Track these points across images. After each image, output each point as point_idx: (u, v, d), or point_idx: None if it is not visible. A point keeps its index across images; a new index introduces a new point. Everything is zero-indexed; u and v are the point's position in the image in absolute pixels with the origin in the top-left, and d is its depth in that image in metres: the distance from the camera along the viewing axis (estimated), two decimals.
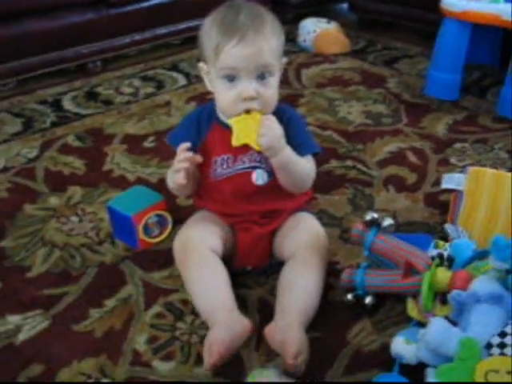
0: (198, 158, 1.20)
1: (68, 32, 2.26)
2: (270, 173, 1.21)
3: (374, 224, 1.19)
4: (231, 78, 1.14)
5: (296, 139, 1.20)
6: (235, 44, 1.11)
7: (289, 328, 1.04)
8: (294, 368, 1.00)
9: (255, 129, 1.12)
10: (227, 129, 1.18)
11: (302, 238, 1.22)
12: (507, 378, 0.85)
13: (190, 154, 1.17)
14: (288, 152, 1.16)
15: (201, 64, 1.22)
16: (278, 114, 1.19)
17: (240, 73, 1.13)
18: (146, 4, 2.43)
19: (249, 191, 1.23)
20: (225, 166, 1.23)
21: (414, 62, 2.49)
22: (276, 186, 1.22)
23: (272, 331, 1.05)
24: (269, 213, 1.26)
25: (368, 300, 1.16)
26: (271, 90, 1.17)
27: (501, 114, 1.98)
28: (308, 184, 1.25)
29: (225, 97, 1.16)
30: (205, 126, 1.24)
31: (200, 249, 1.19)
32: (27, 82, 2.28)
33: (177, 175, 1.17)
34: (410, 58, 2.53)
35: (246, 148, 1.17)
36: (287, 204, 1.28)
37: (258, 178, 1.22)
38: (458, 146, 1.81)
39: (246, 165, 1.22)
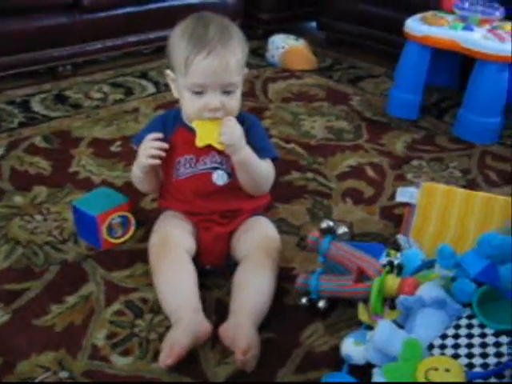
0: (166, 145, 1.27)
1: (40, 34, 2.28)
2: (231, 174, 1.28)
3: (330, 232, 1.24)
4: (199, 93, 1.21)
5: (256, 144, 1.27)
6: (204, 57, 1.18)
7: (240, 326, 1.09)
8: (243, 363, 1.05)
9: (217, 130, 1.20)
10: (191, 131, 1.25)
11: (255, 240, 1.28)
12: (445, 376, 0.91)
13: (164, 144, 1.26)
14: (248, 152, 1.24)
15: (168, 71, 1.29)
16: (241, 120, 1.26)
17: (207, 88, 1.20)
18: (118, 11, 2.46)
19: (209, 191, 1.29)
20: (187, 166, 1.29)
21: (377, 81, 2.57)
22: (235, 187, 1.29)
23: (225, 329, 1.10)
24: (228, 212, 1.32)
25: (321, 304, 1.22)
26: (235, 101, 1.25)
27: (457, 134, 2.07)
28: (266, 186, 1.33)
29: (191, 106, 1.23)
30: (170, 128, 1.31)
31: (177, 248, 1.24)
32: None
33: (149, 160, 1.25)
34: (373, 78, 2.61)
35: (208, 149, 1.25)
36: (246, 205, 1.33)
37: (218, 178, 1.28)
38: (414, 163, 1.89)
39: (208, 165, 1.28)
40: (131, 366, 1.09)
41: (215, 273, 1.33)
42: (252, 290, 1.18)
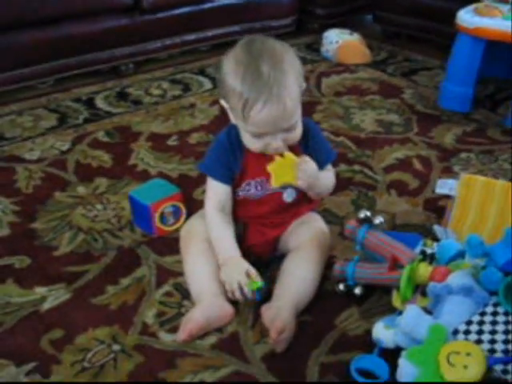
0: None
1: (103, 36, 2.43)
2: (298, 190, 1.33)
3: (367, 221, 1.30)
4: (259, 136, 1.23)
5: (318, 150, 1.32)
6: (261, 108, 1.16)
7: (279, 308, 1.17)
8: (275, 342, 1.14)
9: (291, 168, 1.24)
10: (259, 156, 1.28)
11: (307, 234, 1.34)
12: (466, 359, 0.96)
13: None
14: (321, 180, 1.30)
15: (223, 102, 1.28)
16: (304, 130, 1.28)
17: (267, 132, 1.22)
18: (176, 11, 2.57)
19: (279, 208, 1.36)
20: (259, 188, 1.34)
21: (431, 74, 2.57)
22: (300, 198, 1.36)
23: (266, 309, 1.19)
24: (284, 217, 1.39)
25: (357, 290, 1.27)
26: (297, 131, 1.26)
27: (509, 126, 2.05)
28: (330, 190, 1.40)
29: (252, 145, 1.26)
30: (238, 152, 1.31)
31: (198, 239, 1.33)
32: (64, 81, 2.45)
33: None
34: (428, 71, 2.61)
35: None
36: (303, 209, 1.40)
37: (288, 196, 1.35)
38: (463, 155, 1.89)
39: None
40: (177, 342, 1.18)
41: (260, 263, 1.36)
42: (297, 277, 1.26)
